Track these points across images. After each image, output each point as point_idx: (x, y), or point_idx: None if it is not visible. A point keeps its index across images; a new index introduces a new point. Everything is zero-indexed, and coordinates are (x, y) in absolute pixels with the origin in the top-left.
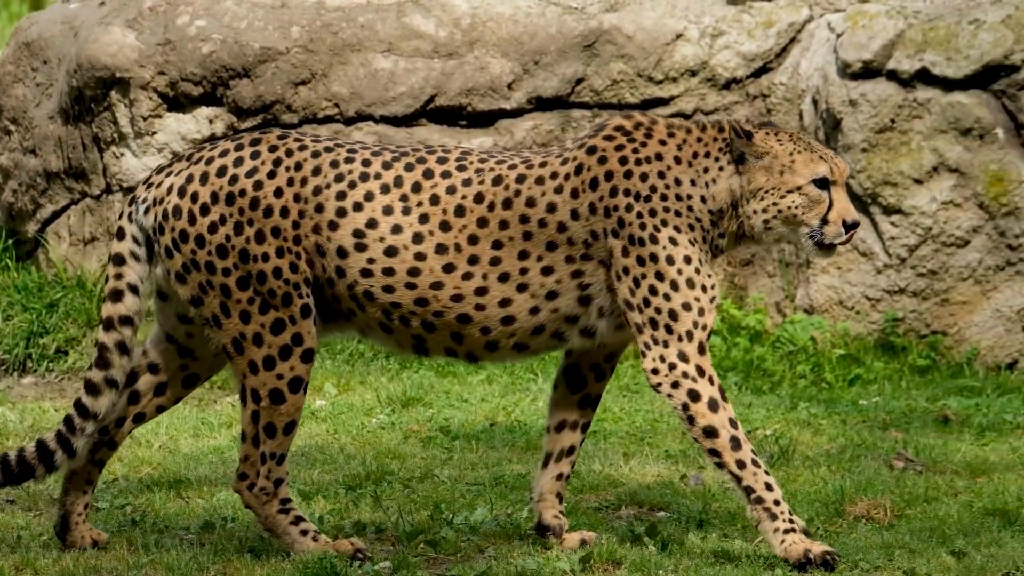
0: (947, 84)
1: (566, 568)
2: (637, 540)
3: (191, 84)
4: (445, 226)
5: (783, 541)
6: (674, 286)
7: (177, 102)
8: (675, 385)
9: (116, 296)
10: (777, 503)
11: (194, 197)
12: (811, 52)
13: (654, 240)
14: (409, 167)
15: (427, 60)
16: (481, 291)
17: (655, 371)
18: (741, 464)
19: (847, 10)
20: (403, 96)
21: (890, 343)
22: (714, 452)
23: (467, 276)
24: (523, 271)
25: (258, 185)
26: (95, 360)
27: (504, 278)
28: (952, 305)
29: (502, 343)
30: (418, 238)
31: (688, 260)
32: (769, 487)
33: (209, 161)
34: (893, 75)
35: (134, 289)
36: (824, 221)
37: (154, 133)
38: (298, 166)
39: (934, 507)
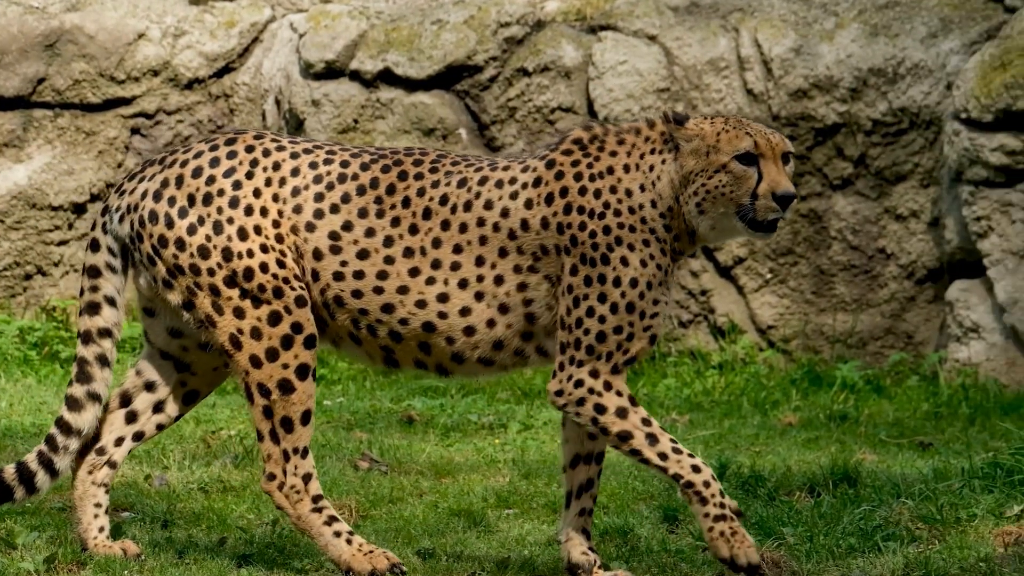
0: (410, 84)
1: (31, 568)
2: None
3: None
4: (413, 229)
5: (711, 528)
6: (613, 309)
7: None
8: (580, 403)
9: (93, 309)
10: (707, 484)
11: (171, 201)
12: (274, 52)
13: (605, 260)
14: (386, 169)
15: None
16: (443, 297)
17: (559, 392)
18: (663, 456)
19: (310, 10)
20: None
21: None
22: (635, 452)
23: (430, 281)
24: (479, 278)
25: (237, 185)
26: (75, 375)
27: (463, 284)
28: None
29: (467, 355)
30: (388, 241)
31: (635, 283)
32: (696, 469)
33: (183, 164)
34: (356, 75)
35: (111, 301)
36: (754, 196)
37: None
38: (276, 166)
39: (399, 507)
